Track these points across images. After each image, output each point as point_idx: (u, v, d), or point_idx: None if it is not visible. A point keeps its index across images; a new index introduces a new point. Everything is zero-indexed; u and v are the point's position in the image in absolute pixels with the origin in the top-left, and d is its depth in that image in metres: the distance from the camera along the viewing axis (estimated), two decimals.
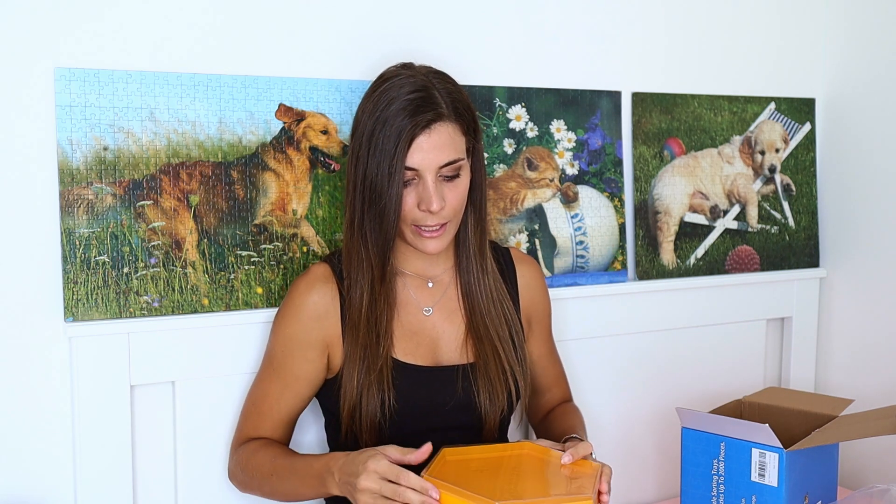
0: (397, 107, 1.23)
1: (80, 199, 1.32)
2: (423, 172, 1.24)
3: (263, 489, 1.31)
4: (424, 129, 1.23)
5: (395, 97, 1.24)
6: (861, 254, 1.92)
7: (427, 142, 1.24)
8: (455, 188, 1.28)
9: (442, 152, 1.25)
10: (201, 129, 1.40)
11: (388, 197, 1.24)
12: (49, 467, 1.34)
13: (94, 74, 1.32)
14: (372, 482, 1.11)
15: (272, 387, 1.33)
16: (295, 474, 1.26)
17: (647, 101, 1.79)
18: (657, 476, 1.84)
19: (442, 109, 1.25)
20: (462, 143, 1.28)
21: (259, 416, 1.34)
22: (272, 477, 1.28)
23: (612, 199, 1.75)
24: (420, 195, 1.25)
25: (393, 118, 1.23)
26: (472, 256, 1.36)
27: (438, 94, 1.25)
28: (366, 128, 1.26)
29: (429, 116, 1.23)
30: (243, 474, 1.33)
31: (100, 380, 1.33)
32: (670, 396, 1.80)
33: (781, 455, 1.31)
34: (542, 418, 1.50)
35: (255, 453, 1.31)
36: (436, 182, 1.25)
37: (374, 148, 1.24)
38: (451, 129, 1.26)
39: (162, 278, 1.38)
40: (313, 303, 1.32)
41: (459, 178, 1.28)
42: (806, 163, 1.98)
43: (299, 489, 1.26)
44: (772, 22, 1.93)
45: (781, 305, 1.96)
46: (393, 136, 1.23)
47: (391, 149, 1.23)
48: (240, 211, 1.43)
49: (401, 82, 1.26)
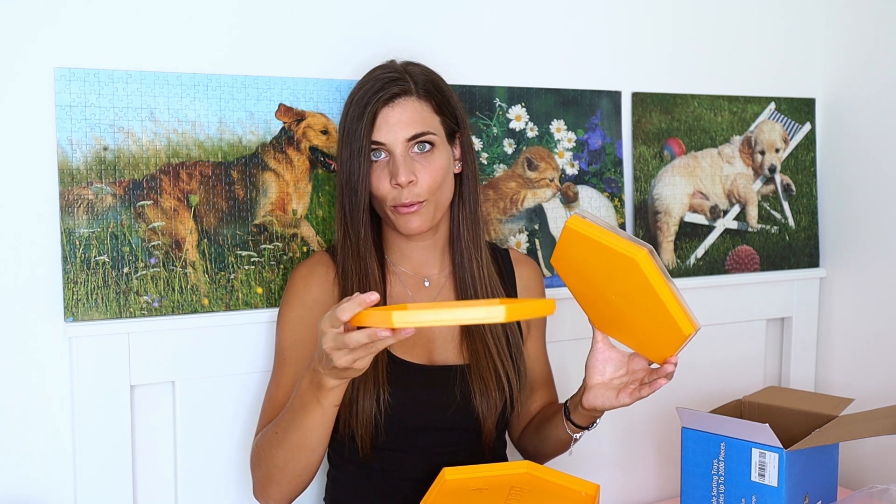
0: (365, 90, 1.27)
1: (80, 199, 1.32)
2: (391, 146, 1.26)
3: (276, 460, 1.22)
4: (388, 103, 1.26)
5: (365, 84, 1.28)
6: (861, 254, 1.92)
7: (392, 115, 1.26)
8: (428, 165, 1.28)
9: (408, 125, 1.26)
10: (201, 129, 1.40)
11: (358, 174, 1.25)
12: (49, 467, 1.34)
13: (94, 74, 1.32)
14: (342, 357, 1.02)
15: (285, 377, 1.32)
16: (294, 411, 1.18)
17: (647, 101, 1.79)
18: (657, 476, 1.84)
19: (408, 86, 1.27)
20: (433, 121, 1.29)
21: (274, 410, 1.31)
22: (277, 435, 1.21)
23: (612, 199, 1.75)
24: (391, 171, 1.27)
25: (360, 99, 1.27)
26: (467, 250, 1.36)
27: (408, 75, 1.29)
28: (342, 119, 1.30)
29: (393, 90, 1.26)
30: (258, 468, 1.26)
31: (100, 380, 1.33)
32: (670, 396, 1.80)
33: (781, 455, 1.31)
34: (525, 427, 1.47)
35: (263, 435, 1.26)
36: (405, 156, 1.27)
37: (346, 133, 1.28)
38: (418, 104, 1.28)
39: (162, 278, 1.38)
40: (315, 286, 1.33)
41: (432, 154, 1.28)
42: (806, 163, 1.98)
43: (302, 421, 1.16)
44: (772, 22, 1.93)
45: (781, 305, 1.96)
46: (359, 116, 1.26)
47: (359, 127, 1.25)
48: (240, 211, 1.43)
49: (375, 72, 1.30)
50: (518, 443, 1.49)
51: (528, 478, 1.26)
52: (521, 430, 1.47)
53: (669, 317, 1.07)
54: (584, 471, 1.41)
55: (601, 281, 1.14)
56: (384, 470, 1.33)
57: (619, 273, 1.08)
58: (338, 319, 1.01)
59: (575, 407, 1.30)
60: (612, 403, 1.23)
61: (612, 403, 1.23)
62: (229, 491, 1.45)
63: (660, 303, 1.06)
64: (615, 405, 1.23)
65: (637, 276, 1.04)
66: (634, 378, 1.23)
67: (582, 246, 1.10)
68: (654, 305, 1.07)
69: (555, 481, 1.24)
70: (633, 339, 1.22)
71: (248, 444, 1.44)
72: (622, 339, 1.24)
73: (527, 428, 1.46)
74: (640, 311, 1.12)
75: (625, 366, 1.24)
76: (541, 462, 1.41)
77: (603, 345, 1.24)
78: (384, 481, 1.34)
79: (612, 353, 1.24)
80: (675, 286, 1.09)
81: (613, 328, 1.22)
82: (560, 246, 1.14)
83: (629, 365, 1.24)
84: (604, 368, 1.24)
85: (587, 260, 1.12)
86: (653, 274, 1.04)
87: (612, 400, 1.23)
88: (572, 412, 1.31)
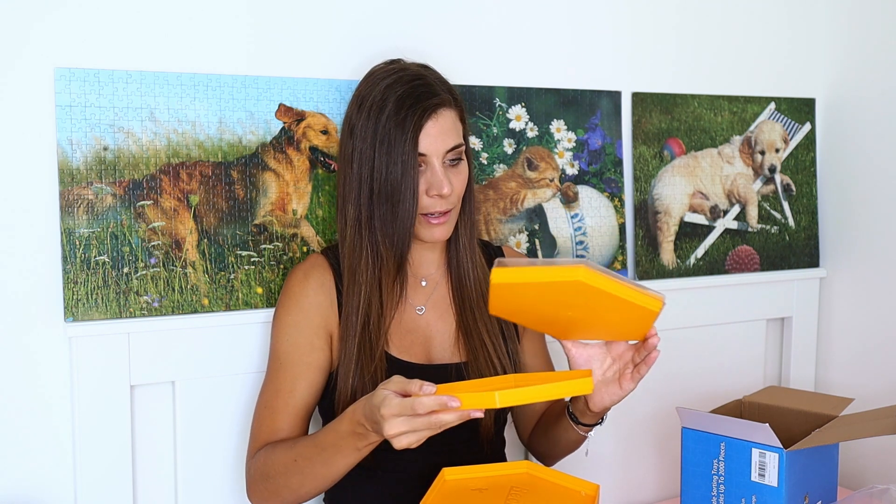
0: (399, 96, 1.25)
1: (80, 199, 1.32)
2: (431, 158, 1.26)
3: (291, 483, 1.23)
4: (431, 115, 1.25)
5: (393, 88, 1.26)
6: (861, 254, 1.92)
7: (434, 127, 1.26)
8: (459, 173, 1.30)
9: (448, 137, 1.27)
10: (201, 129, 1.40)
11: (405, 187, 1.24)
12: (49, 467, 1.34)
13: (94, 74, 1.32)
14: (398, 426, 1.04)
15: (283, 381, 1.30)
16: (322, 448, 1.18)
17: (647, 101, 1.79)
18: (657, 476, 1.84)
19: (443, 95, 1.27)
20: (461, 130, 1.31)
21: (273, 415, 1.30)
22: (296, 463, 1.21)
23: (612, 199, 1.75)
24: (429, 181, 1.26)
25: (397, 108, 1.24)
26: (463, 250, 1.36)
27: (434, 82, 1.28)
28: (368, 124, 1.26)
29: (434, 101, 1.26)
30: (264, 481, 1.25)
31: (100, 380, 1.33)
32: (670, 396, 1.80)
33: (781, 455, 1.31)
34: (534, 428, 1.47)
35: (272, 451, 1.26)
36: (443, 167, 1.27)
37: (381, 141, 1.24)
38: (453, 114, 1.29)
39: (162, 278, 1.38)
40: (313, 290, 1.32)
41: (462, 162, 1.31)
42: (806, 163, 1.98)
43: (332, 459, 1.18)
44: (772, 22, 1.93)
45: (781, 305, 1.96)
46: (400, 125, 1.24)
47: (401, 138, 1.23)
48: (240, 211, 1.43)
49: (397, 74, 1.28)
50: (528, 444, 1.50)
51: (527, 478, 1.26)
52: (530, 431, 1.48)
53: (633, 305, 1.07)
54: (584, 471, 1.40)
55: (551, 308, 1.13)
56: (383, 470, 1.33)
57: (568, 296, 1.07)
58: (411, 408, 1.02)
59: (582, 412, 1.29)
60: (619, 395, 1.22)
61: (620, 395, 1.22)
62: (229, 491, 1.45)
63: (619, 300, 1.06)
64: (623, 395, 1.22)
65: (587, 291, 1.04)
66: (624, 361, 1.22)
67: (518, 292, 1.09)
68: (613, 305, 1.07)
69: (554, 481, 1.24)
70: (605, 334, 1.21)
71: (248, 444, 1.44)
72: (594, 339, 1.23)
73: (535, 429, 1.46)
74: (602, 313, 1.12)
75: (608, 356, 1.23)
76: (553, 462, 1.41)
77: (576, 350, 1.23)
78: (383, 481, 1.33)
79: (589, 351, 1.23)
80: (621, 277, 1.09)
81: (580, 334, 1.22)
82: (493, 300, 1.12)
83: (611, 353, 1.23)
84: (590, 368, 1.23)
85: (528, 300, 1.11)
86: (601, 282, 1.04)
87: (617, 392, 1.22)
88: (580, 417, 1.30)
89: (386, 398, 1.04)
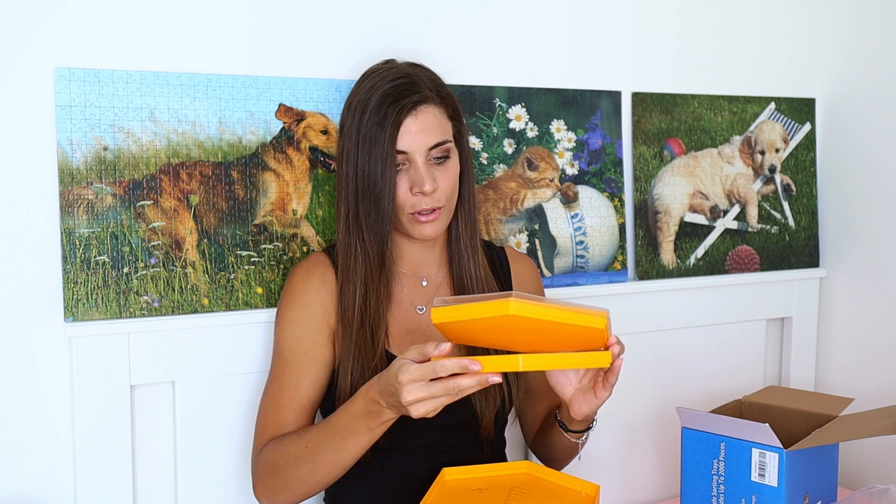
0: (381, 95, 1.26)
1: (80, 199, 1.32)
2: (413, 155, 1.26)
3: (301, 473, 1.21)
4: (410, 112, 1.25)
5: (377, 87, 1.27)
6: (861, 254, 1.92)
7: (414, 124, 1.26)
8: (445, 171, 1.29)
9: (430, 134, 1.26)
10: (201, 129, 1.40)
11: (382, 183, 1.24)
12: (49, 467, 1.34)
13: (94, 74, 1.32)
14: (417, 391, 1.05)
15: (288, 377, 1.30)
16: (335, 431, 1.18)
17: (647, 101, 1.79)
18: (657, 476, 1.84)
19: (426, 92, 1.27)
20: (448, 127, 1.30)
21: (278, 410, 1.29)
22: (307, 449, 1.20)
23: (612, 199, 1.75)
24: (412, 179, 1.26)
25: (378, 106, 1.25)
26: (465, 249, 1.36)
27: (420, 80, 1.28)
28: (353, 122, 1.28)
29: (414, 99, 1.25)
30: (273, 474, 1.25)
31: (100, 380, 1.33)
32: (670, 396, 1.80)
33: (781, 455, 1.31)
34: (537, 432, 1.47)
35: (280, 442, 1.26)
36: (426, 164, 1.27)
37: (363, 139, 1.26)
38: (437, 111, 1.28)
39: (162, 278, 1.38)
40: (315, 287, 1.32)
41: (449, 160, 1.30)
42: (806, 163, 1.98)
43: (344, 443, 1.17)
44: (772, 22, 1.93)
45: (781, 305, 1.96)
46: (380, 123, 1.24)
47: (380, 135, 1.24)
48: (240, 211, 1.43)
49: (382, 74, 1.29)
50: (533, 448, 1.50)
51: (527, 478, 1.26)
52: (534, 434, 1.48)
53: (577, 327, 1.07)
54: (584, 471, 1.40)
55: (498, 338, 1.13)
56: (383, 469, 1.33)
57: (507, 327, 1.07)
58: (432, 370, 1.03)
59: (568, 419, 1.30)
60: (596, 403, 1.21)
61: (596, 403, 1.21)
62: (229, 491, 1.45)
63: (557, 324, 1.06)
64: (600, 402, 1.21)
65: (522, 320, 1.04)
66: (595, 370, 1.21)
67: (458, 328, 1.09)
68: (554, 329, 1.07)
69: (555, 481, 1.25)
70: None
71: (249, 443, 1.44)
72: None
73: (536, 434, 1.47)
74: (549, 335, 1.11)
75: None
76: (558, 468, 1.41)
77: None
78: (384, 481, 1.33)
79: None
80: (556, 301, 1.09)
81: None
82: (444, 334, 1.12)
83: None
84: (566, 379, 1.23)
85: (475, 333, 1.11)
86: (533, 310, 1.03)
87: (594, 400, 1.21)
88: (569, 425, 1.31)
89: (404, 365, 1.06)
